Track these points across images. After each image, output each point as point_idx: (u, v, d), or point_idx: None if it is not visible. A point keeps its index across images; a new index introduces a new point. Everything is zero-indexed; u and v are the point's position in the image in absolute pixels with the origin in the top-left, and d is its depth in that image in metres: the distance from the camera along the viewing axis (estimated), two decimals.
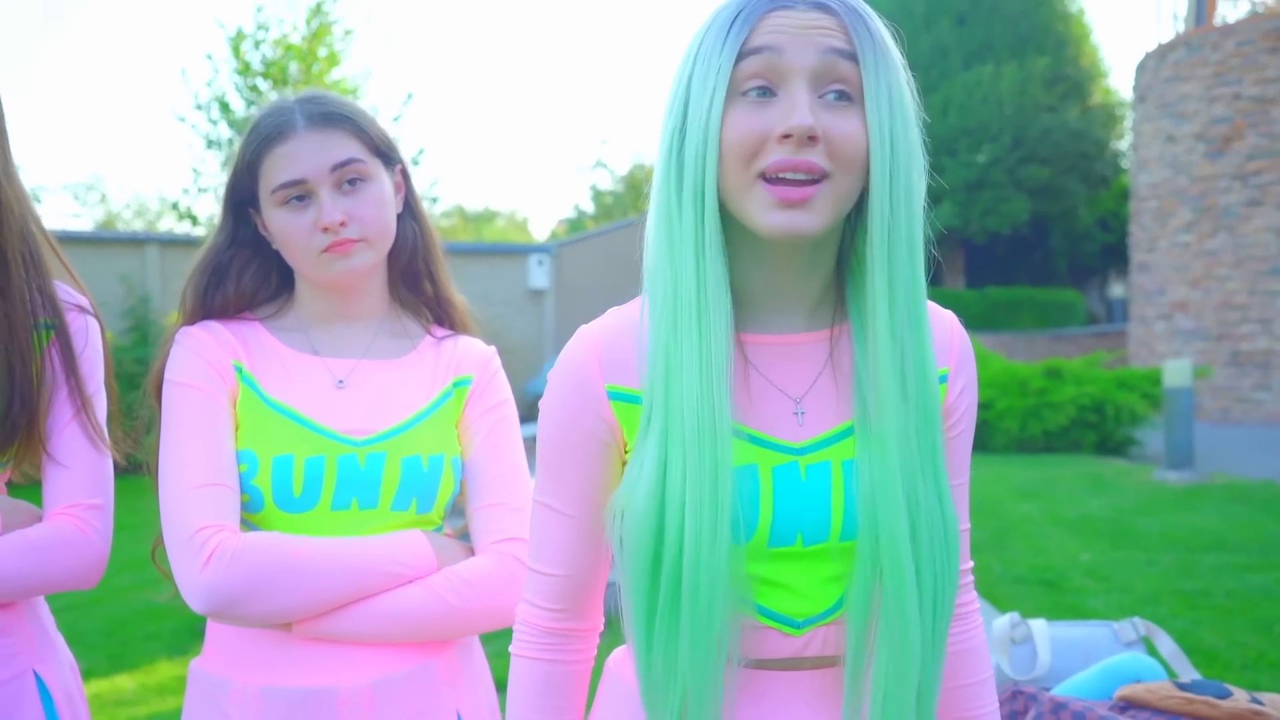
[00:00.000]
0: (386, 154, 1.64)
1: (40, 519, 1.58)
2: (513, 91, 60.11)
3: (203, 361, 1.58)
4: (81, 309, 1.67)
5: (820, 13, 1.13)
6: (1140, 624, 2.22)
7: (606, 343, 1.25)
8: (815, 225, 1.12)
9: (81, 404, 1.62)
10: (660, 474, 1.19)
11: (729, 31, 1.14)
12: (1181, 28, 14.39)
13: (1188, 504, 7.14)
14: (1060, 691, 1.96)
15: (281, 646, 1.52)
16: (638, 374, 1.23)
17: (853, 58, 1.12)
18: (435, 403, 1.63)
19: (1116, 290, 19.83)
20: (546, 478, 1.31)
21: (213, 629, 1.60)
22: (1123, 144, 18.92)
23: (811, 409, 1.23)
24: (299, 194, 1.56)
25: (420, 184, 12.04)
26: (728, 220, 1.18)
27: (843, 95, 1.12)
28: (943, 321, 1.27)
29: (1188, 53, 13.09)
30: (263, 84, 11.52)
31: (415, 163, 11.69)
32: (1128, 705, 1.85)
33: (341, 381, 1.61)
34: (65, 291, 1.68)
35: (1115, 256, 18.25)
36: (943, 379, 1.25)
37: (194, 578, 1.45)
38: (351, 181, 1.58)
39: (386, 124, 12.02)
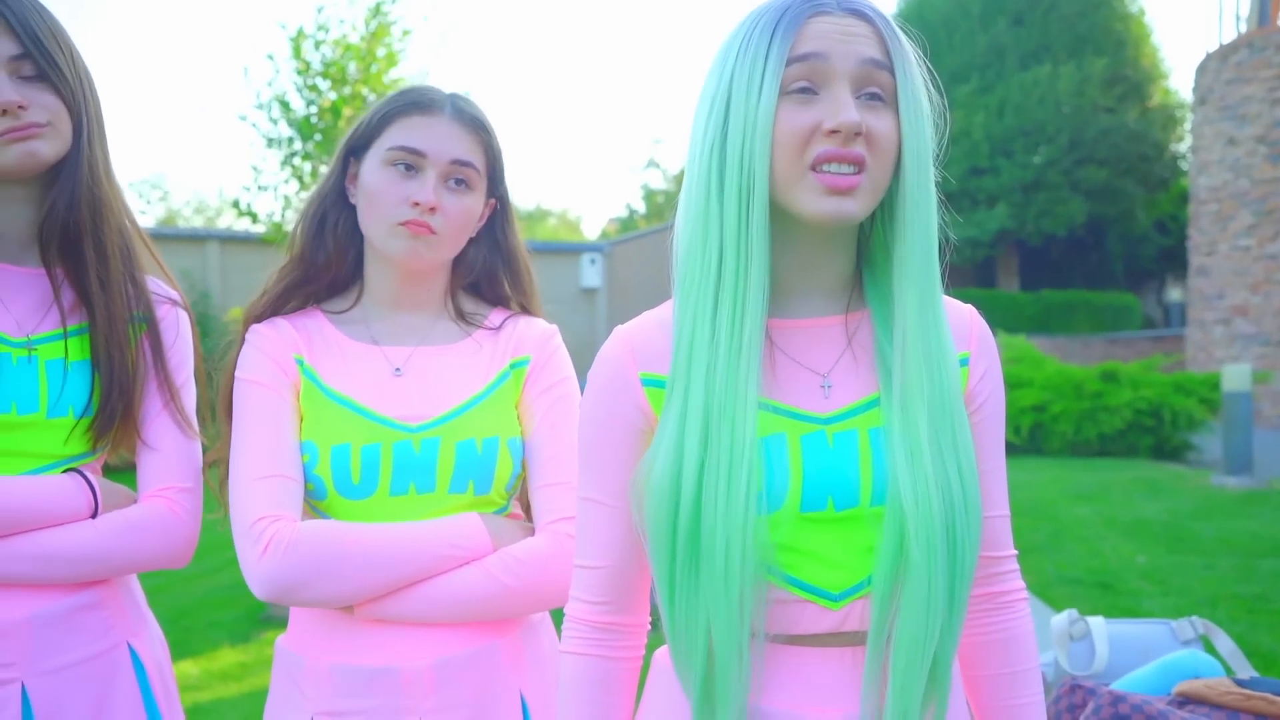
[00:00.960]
0: (494, 181, 1.69)
1: (134, 501, 1.65)
2: (566, 91, 60.38)
3: (267, 358, 1.63)
4: (173, 302, 1.74)
5: (857, 19, 1.23)
6: (1199, 623, 2.22)
7: (639, 335, 1.33)
8: (859, 210, 1.21)
9: (171, 394, 1.69)
10: (678, 445, 1.24)
11: (773, 35, 1.23)
12: (1244, 29, 14.20)
13: (1246, 509, 7.06)
14: (1118, 687, 1.97)
15: (350, 627, 1.58)
16: (668, 361, 1.29)
17: (887, 66, 1.22)
18: (492, 385, 1.66)
19: (1174, 294, 19.57)
20: (588, 473, 1.37)
21: (295, 609, 1.66)
22: (1182, 146, 18.67)
23: (837, 382, 1.29)
24: (410, 163, 1.61)
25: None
26: (770, 208, 1.25)
27: (875, 96, 1.22)
28: (961, 311, 1.34)
29: (1250, 54, 12.92)
30: (322, 83, 11.66)
31: None
32: (1186, 700, 1.86)
33: (399, 369, 1.65)
34: (157, 285, 1.75)
35: (1172, 260, 18.04)
36: (964, 362, 1.32)
37: (253, 566, 1.51)
38: (459, 181, 1.63)
39: None
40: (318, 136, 11.06)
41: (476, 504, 1.62)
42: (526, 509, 1.75)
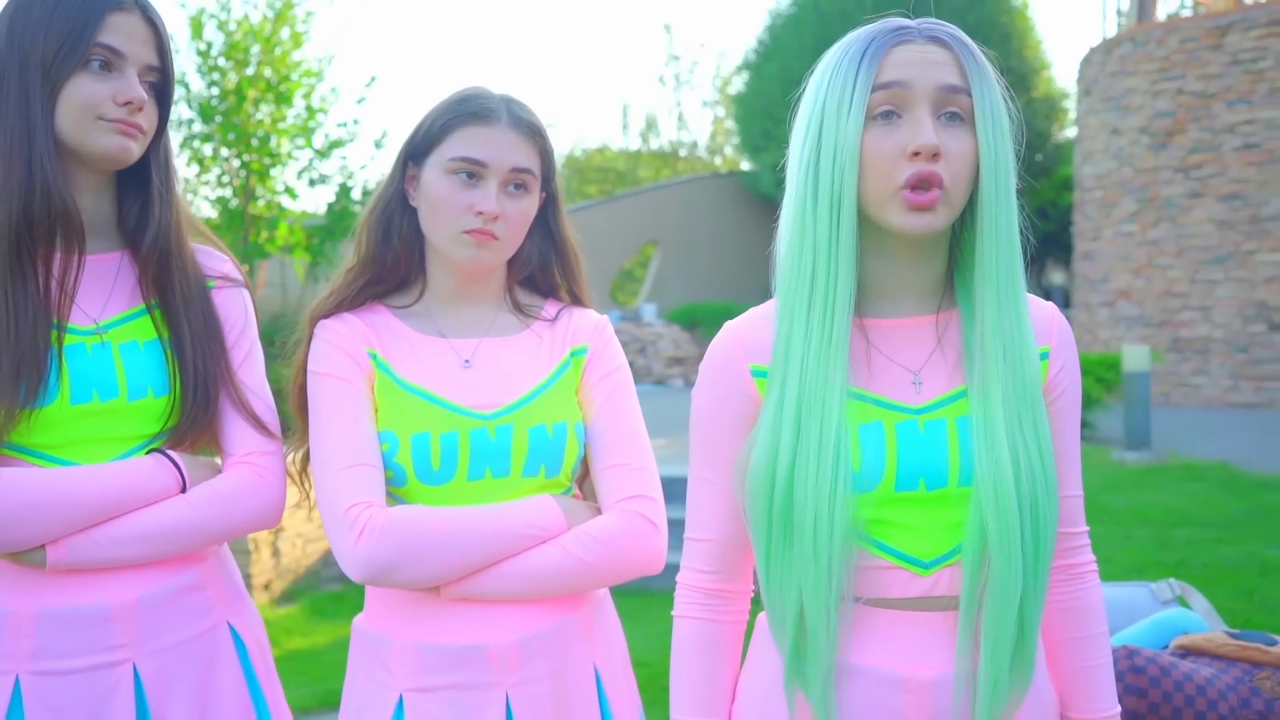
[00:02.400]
0: (548, 177, 1.76)
1: (217, 471, 1.71)
2: (473, 74, 59.81)
3: (341, 352, 1.70)
4: (226, 277, 1.80)
5: (936, 46, 1.38)
6: (1175, 584, 2.40)
7: (748, 330, 1.49)
8: (939, 224, 1.36)
9: (243, 360, 1.75)
10: (775, 430, 1.39)
11: (860, 64, 1.37)
12: (1124, 23, 14.77)
13: (1150, 483, 7.45)
14: (1116, 644, 2.13)
15: (435, 607, 1.65)
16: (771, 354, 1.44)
17: (964, 89, 1.36)
18: (555, 373, 1.75)
19: (1055, 277, 20.27)
20: (700, 454, 1.51)
21: (371, 591, 1.73)
22: (1064, 135, 19.35)
23: (927, 379, 1.44)
24: (471, 172, 1.67)
25: (382, 166, 12.03)
26: (859, 222, 1.39)
27: (954, 116, 1.36)
28: (1044, 309, 1.48)
29: (1133, 48, 13.45)
30: (224, 64, 11.41)
31: (379, 145, 11.65)
32: (1186, 653, 2.03)
33: (468, 361, 1.73)
34: (216, 264, 1.81)
35: (1053, 244, 18.68)
36: (1044, 355, 1.45)
37: (349, 551, 1.58)
38: (517, 186, 1.70)
39: (349, 106, 11.96)
40: (218, 119, 10.87)
41: (546, 486, 1.71)
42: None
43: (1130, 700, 2.11)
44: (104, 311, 1.68)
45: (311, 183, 11.45)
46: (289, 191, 11.13)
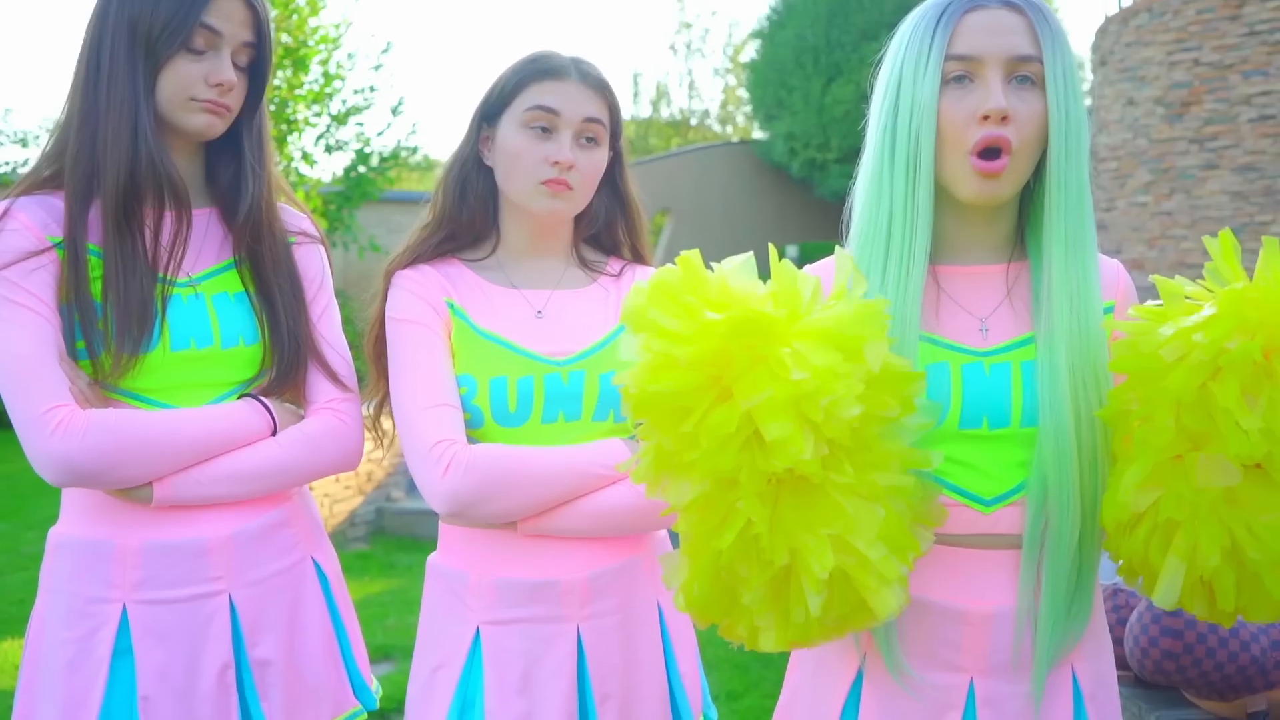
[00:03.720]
0: (614, 135, 1.83)
1: (300, 417, 1.80)
2: (496, 41, 59.57)
3: (419, 299, 1.77)
4: (304, 233, 1.89)
5: (1009, 11, 1.44)
6: None
7: (822, 275, 1.53)
8: (1005, 192, 1.44)
9: (321, 313, 1.85)
10: None
11: (935, 30, 1.44)
12: None
13: None
14: None
15: (509, 544, 1.73)
16: None
17: (1035, 56, 1.42)
18: (622, 325, 1.84)
19: None
20: None
21: (446, 529, 1.82)
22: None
23: (995, 325, 1.51)
24: (546, 124, 1.75)
25: (399, 133, 12.05)
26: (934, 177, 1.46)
27: (1025, 79, 1.43)
28: (1110, 266, 1.54)
29: (1150, 18, 13.42)
30: None
31: (396, 112, 11.69)
32: None
33: (540, 312, 1.81)
34: (290, 214, 1.90)
35: None
36: (1109, 310, 1.51)
37: (435, 484, 1.66)
38: (589, 139, 1.78)
39: (366, 72, 12.00)
40: None
41: (615, 430, 1.79)
42: None
43: (1166, 641, 2.20)
44: (197, 264, 1.78)
45: (329, 149, 11.50)
46: (306, 158, 11.18)
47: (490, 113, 1.81)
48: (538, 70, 1.77)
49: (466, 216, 1.84)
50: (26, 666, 1.77)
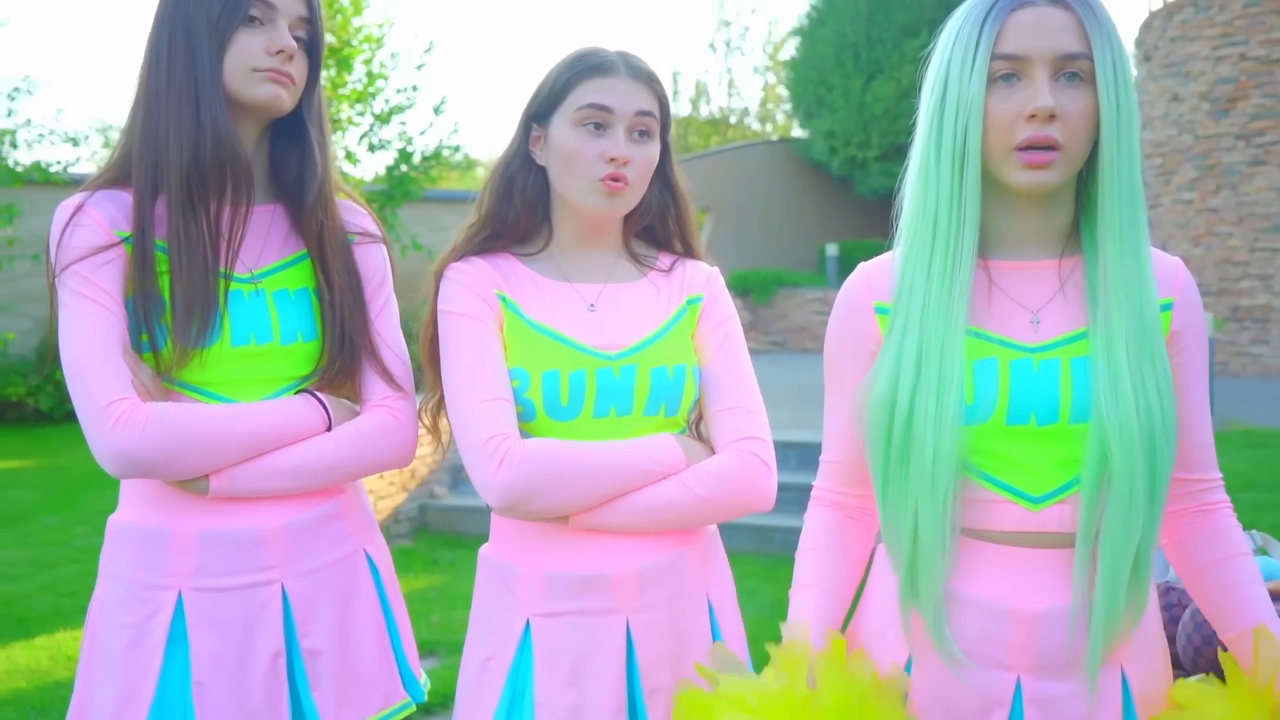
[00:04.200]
0: (664, 126, 1.83)
1: (356, 414, 1.82)
2: (536, 40, 59.77)
3: (470, 292, 1.77)
4: (366, 233, 1.90)
5: (1057, 8, 1.43)
6: (1257, 535, 2.45)
7: (876, 269, 1.57)
8: (1055, 180, 1.43)
9: (379, 312, 1.86)
10: (896, 366, 1.47)
11: (982, 28, 1.43)
12: None
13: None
14: None
15: (559, 537, 1.74)
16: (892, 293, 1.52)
17: (1083, 54, 1.41)
18: (673, 319, 1.83)
19: None
20: (829, 381, 1.61)
21: (497, 523, 1.82)
22: None
23: (1047, 319, 1.50)
24: (599, 121, 1.74)
25: (441, 132, 12.11)
26: (983, 173, 1.46)
27: (1074, 75, 1.42)
28: (1169, 263, 1.52)
29: (1195, 12, 13.24)
30: None
31: (438, 111, 11.74)
32: (1275, 597, 2.09)
33: (593, 305, 1.81)
34: (351, 212, 1.91)
35: None
36: (1167, 307, 1.50)
37: (489, 478, 1.66)
38: (641, 133, 1.78)
39: (409, 72, 12.14)
40: None
41: (665, 425, 1.79)
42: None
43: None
44: (259, 260, 1.80)
45: (371, 148, 11.57)
46: (349, 157, 11.26)
47: (541, 112, 1.81)
48: (587, 67, 1.77)
49: (512, 216, 1.84)
50: (85, 651, 1.80)
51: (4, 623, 5.16)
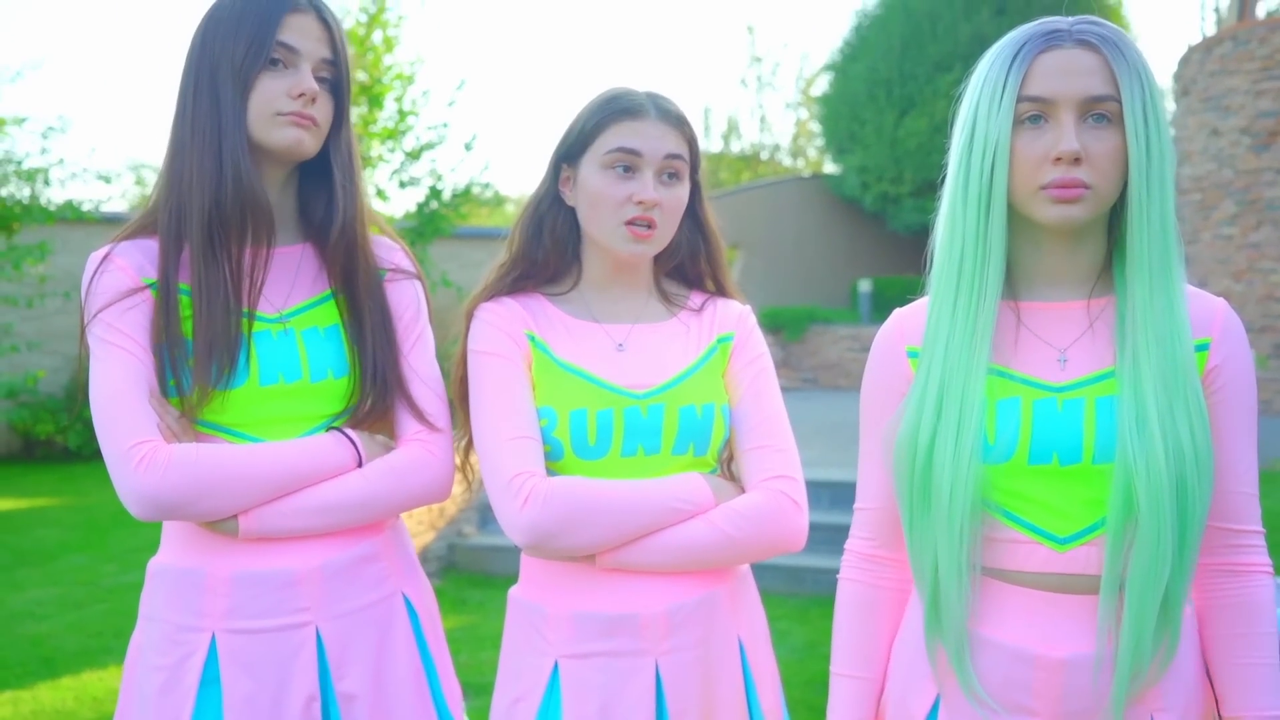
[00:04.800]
0: (694, 167, 1.85)
1: (389, 449, 1.83)
2: (569, 77, 60.33)
3: (500, 332, 1.80)
4: (399, 269, 1.92)
5: (1085, 50, 1.45)
6: None
7: (909, 314, 1.60)
8: (1083, 216, 1.45)
9: (412, 347, 1.87)
10: (919, 405, 1.50)
11: (1010, 69, 1.46)
12: (1222, 21, 14.51)
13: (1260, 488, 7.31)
14: None
15: (588, 577, 1.75)
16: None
17: (1110, 95, 1.43)
18: (703, 358, 1.85)
19: None
20: (865, 427, 1.63)
21: (526, 562, 1.83)
22: None
23: (1074, 358, 1.51)
24: (627, 164, 1.77)
25: (471, 169, 12.25)
26: (1011, 212, 1.48)
27: (1102, 117, 1.44)
28: (1210, 303, 1.52)
29: (1234, 46, 13.22)
30: None
31: (468, 148, 11.85)
32: None
33: (621, 345, 1.82)
34: (384, 248, 1.93)
35: None
36: (1203, 346, 1.49)
37: (515, 516, 1.68)
38: (671, 175, 1.80)
39: (439, 109, 12.28)
40: None
41: (695, 465, 1.80)
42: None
43: None
44: (288, 300, 1.83)
45: (402, 185, 11.67)
46: (380, 194, 11.36)
47: (570, 154, 1.84)
48: (616, 110, 1.80)
49: (542, 256, 1.87)
50: (123, 693, 1.82)
51: (31, 663, 5.20)
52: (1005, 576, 1.50)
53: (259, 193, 1.74)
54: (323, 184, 1.85)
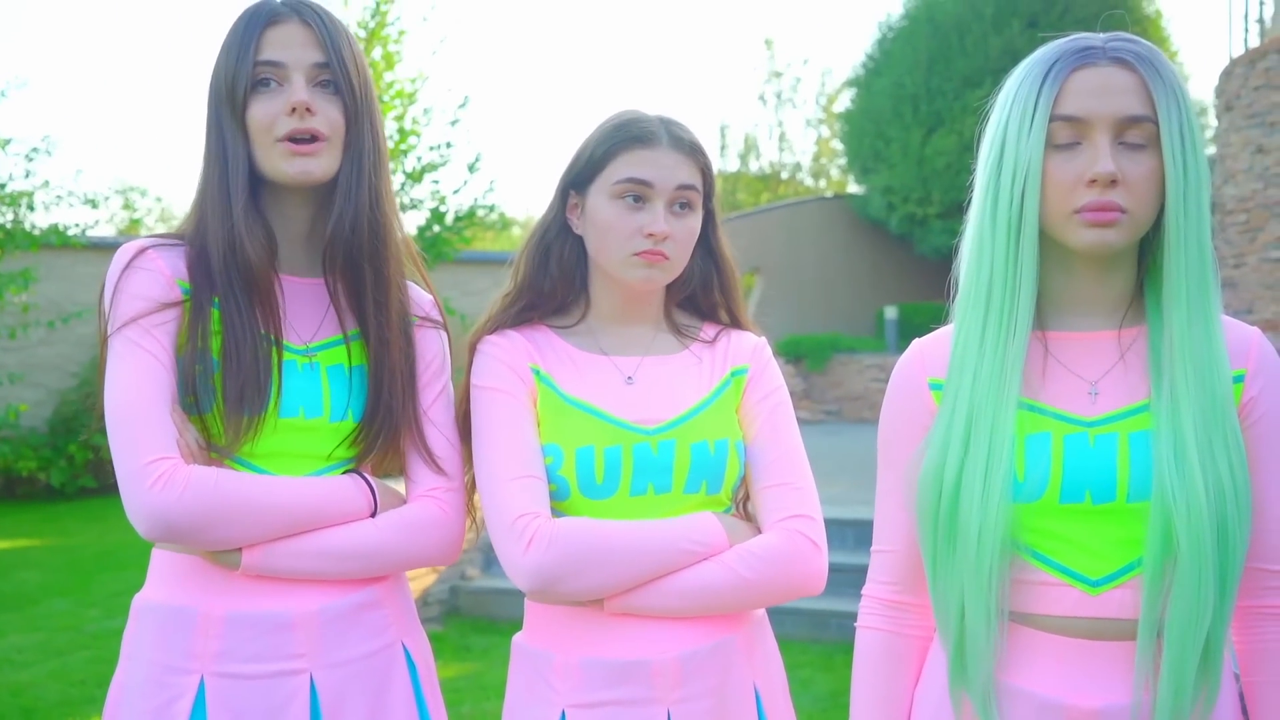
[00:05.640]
0: (708, 195, 1.86)
1: (403, 500, 1.83)
2: (577, 95, 60.63)
3: (504, 366, 1.80)
4: (428, 318, 1.91)
5: (1120, 68, 1.44)
6: None
7: (930, 345, 1.59)
8: (1120, 240, 1.44)
9: (434, 399, 1.86)
10: (945, 439, 1.49)
11: (1041, 87, 1.45)
12: (1266, 33, 14.53)
13: None
14: None
15: (597, 623, 1.74)
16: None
17: (1147, 116, 1.43)
18: (716, 392, 1.85)
19: None
20: (884, 465, 1.62)
21: (531, 608, 1.83)
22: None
23: (1105, 390, 1.50)
24: (638, 194, 1.78)
25: (475, 191, 12.33)
26: (1041, 237, 1.47)
27: (1136, 142, 1.43)
28: (1244, 332, 1.52)
29: (1279, 59, 13.23)
30: None
31: (472, 169, 11.91)
32: None
33: (630, 378, 1.83)
34: (417, 296, 1.91)
35: None
36: (1239, 378, 1.49)
37: (518, 560, 1.68)
38: (682, 205, 1.80)
39: (442, 128, 12.38)
40: None
41: (708, 504, 1.80)
42: None
43: None
44: (315, 334, 1.83)
45: (403, 207, 11.73)
46: None
47: (578, 181, 1.85)
48: (627, 137, 1.80)
49: (549, 286, 1.88)
50: None
51: (10, 713, 5.19)
52: (1034, 622, 1.50)
53: (255, 260, 1.73)
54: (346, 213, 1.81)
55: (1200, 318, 1.45)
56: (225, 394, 1.71)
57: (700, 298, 1.95)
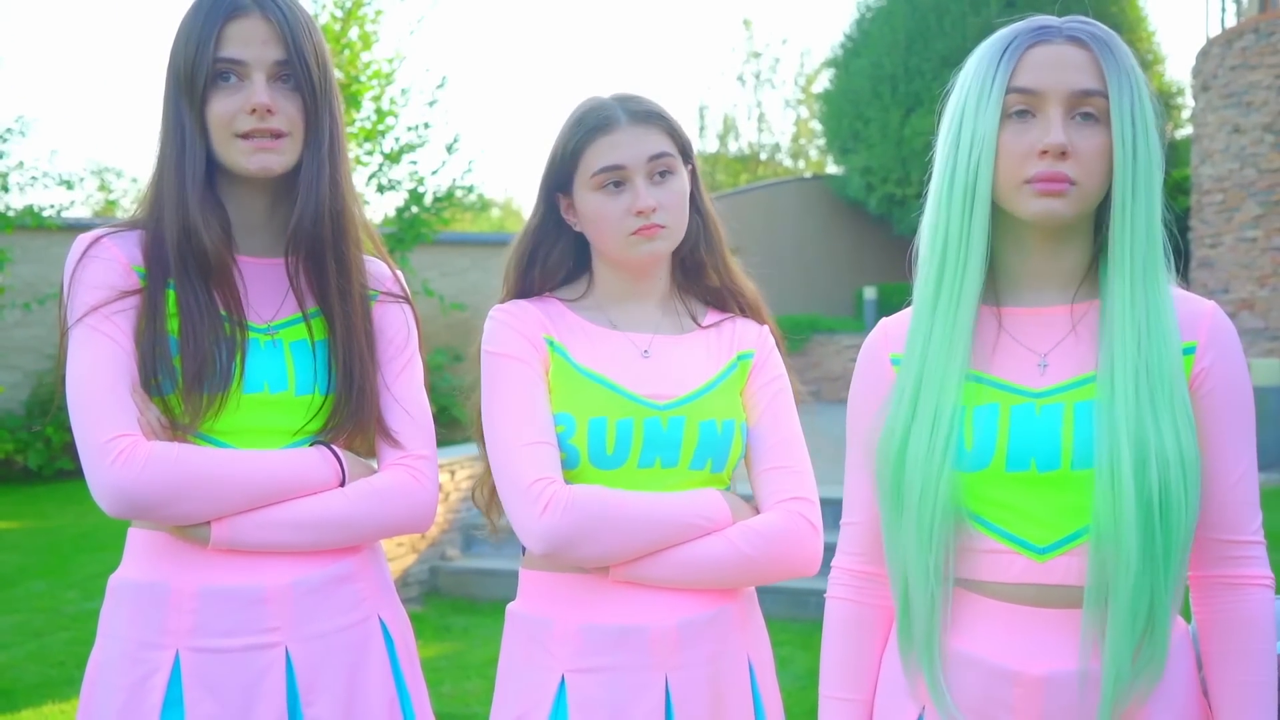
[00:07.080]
0: (686, 153, 1.89)
1: (373, 472, 1.84)
2: (555, 76, 60.48)
3: (518, 334, 1.84)
4: (389, 293, 1.92)
5: (1075, 46, 1.50)
6: None
7: (894, 322, 1.64)
8: (1068, 211, 1.48)
9: (399, 372, 1.88)
10: (896, 408, 1.54)
11: (999, 63, 1.51)
12: (1244, 13, 14.59)
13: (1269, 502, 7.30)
14: None
15: (596, 590, 1.78)
16: None
17: (1098, 91, 1.48)
18: (723, 373, 1.89)
19: None
20: (851, 439, 1.66)
21: (528, 576, 1.86)
22: (1179, 134, 19.12)
23: (1055, 363, 1.54)
24: (616, 179, 1.81)
25: (454, 171, 12.30)
26: (995, 212, 1.52)
27: (1088, 115, 1.48)
28: (1197, 305, 1.55)
29: (1256, 39, 13.28)
30: None
31: (451, 150, 11.87)
32: None
33: (646, 352, 1.87)
34: (378, 272, 1.93)
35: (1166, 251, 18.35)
36: (1190, 350, 1.52)
37: (533, 523, 1.72)
38: (662, 174, 1.84)
39: (420, 109, 12.36)
40: None
41: (710, 480, 1.85)
42: None
43: None
44: (277, 312, 1.84)
45: (380, 189, 11.70)
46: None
47: (560, 183, 1.89)
48: (589, 129, 1.84)
49: (536, 285, 1.94)
50: (81, 715, 1.81)
51: None
52: (983, 589, 1.53)
53: (210, 246, 1.75)
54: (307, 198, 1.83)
55: (1146, 290, 1.49)
56: (184, 373, 1.73)
57: (687, 258, 1.96)
